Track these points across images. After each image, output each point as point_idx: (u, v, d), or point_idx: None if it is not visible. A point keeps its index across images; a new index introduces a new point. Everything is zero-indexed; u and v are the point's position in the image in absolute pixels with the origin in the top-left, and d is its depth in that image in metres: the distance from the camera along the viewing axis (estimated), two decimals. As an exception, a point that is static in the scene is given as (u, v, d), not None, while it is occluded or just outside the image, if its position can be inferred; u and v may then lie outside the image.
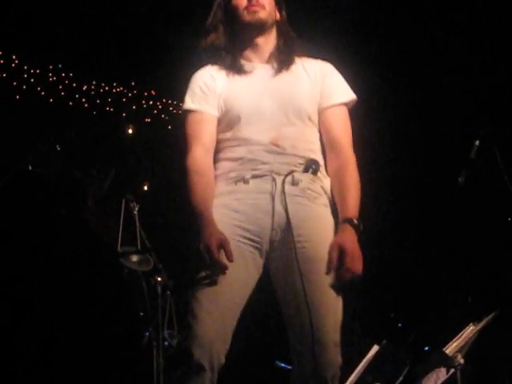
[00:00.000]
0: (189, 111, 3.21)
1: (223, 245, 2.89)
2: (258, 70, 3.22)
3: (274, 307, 3.17)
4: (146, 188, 6.35)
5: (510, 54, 6.59)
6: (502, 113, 6.47)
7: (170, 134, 7.76)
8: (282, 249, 3.03)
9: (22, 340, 5.36)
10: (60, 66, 7.54)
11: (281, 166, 3.06)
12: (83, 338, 5.41)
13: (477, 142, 4.46)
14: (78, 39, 7.06)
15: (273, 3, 3.27)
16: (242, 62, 3.23)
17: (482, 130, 4.50)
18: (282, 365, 5.59)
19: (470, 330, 4.51)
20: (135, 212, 5.30)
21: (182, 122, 3.24)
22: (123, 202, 5.37)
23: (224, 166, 3.14)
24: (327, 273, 2.95)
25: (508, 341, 5.34)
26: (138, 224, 5.25)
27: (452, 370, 4.45)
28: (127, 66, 7.39)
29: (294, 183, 3.05)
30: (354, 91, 3.32)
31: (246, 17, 3.18)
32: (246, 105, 3.14)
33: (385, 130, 7.53)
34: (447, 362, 4.43)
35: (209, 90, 3.20)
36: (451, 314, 6.27)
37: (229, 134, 3.16)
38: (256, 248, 3.02)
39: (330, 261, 2.95)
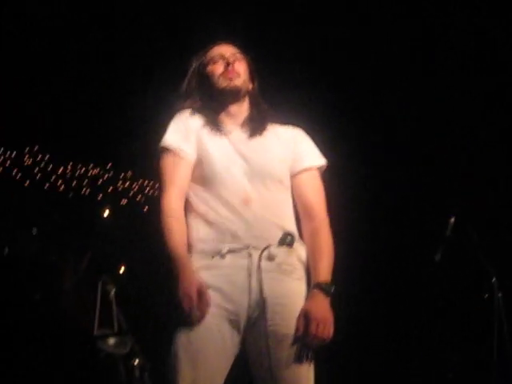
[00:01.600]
0: (168, 149, 3.15)
1: (203, 293, 2.90)
2: (232, 133, 3.21)
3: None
4: (122, 270, 6.32)
5: (479, 130, 6.69)
6: (476, 189, 6.53)
7: (147, 215, 7.76)
8: (257, 325, 3.01)
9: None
10: (36, 148, 7.57)
11: (257, 240, 3.04)
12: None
13: (452, 220, 4.49)
14: (53, 121, 7.09)
15: (247, 73, 3.29)
16: (218, 124, 3.22)
17: (457, 208, 4.54)
18: None
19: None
20: (112, 294, 5.27)
21: (159, 159, 3.17)
22: (99, 285, 5.34)
23: (198, 229, 3.10)
24: (294, 342, 2.96)
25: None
26: (114, 306, 5.21)
27: None
28: (103, 148, 7.42)
29: (270, 258, 3.02)
30: (326, 157, 3.35)
31: (222, 83, 3.21)
32: (220, 165, 3.12)
33: (360, 201, 7.57)
34: None
35: (191, 132, 3.18)
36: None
37: (201, 189, 3.13)
38: (234, 326, 3.00)
39: (296, 329, 2.96)
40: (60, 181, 7.74)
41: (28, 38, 6.36)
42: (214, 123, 3.20)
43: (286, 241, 3.06)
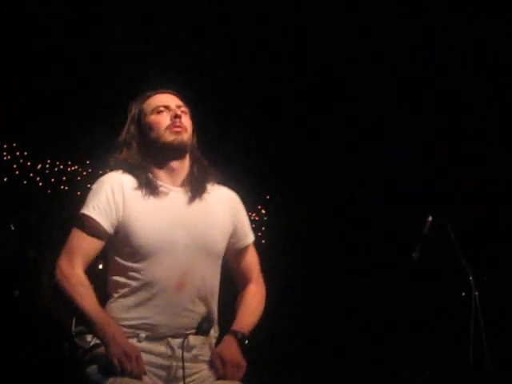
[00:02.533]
0: (87, 218, 2.93)
1: (139, 357, 2.76)
2: (172, 194, 3.01)
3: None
4: (100, 267, 6.30)
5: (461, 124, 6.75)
6: (454, 188, 6.58)
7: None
8: None
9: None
10: (14, 144, 7.54)
11: (177, 329, 2.92)
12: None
13: (430, 218, 4.51)
14: (31, 117, 7.07)
15: (191, 128, 3.11)
16: (156, 183, 3.00)
17: (435, 206, 4.56)
18: None
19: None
20: (90, 291, 5.25)
21: (75, 222, 2.96)
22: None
23: (117, 308, 2.95)
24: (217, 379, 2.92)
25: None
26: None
27: None
28: (82, 145, 7.40)
29: (188, 349, 2.93)
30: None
31: (168, 137, 2.99)
32: (158, 235, 2.92)
33: (347, 199, 7.63)
34: None
35: (114, 204, 2.93)
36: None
37: (130, 265, 2.93)
38: None
39: (215, 369, 2.92)
40: (38, 177, 7.71)
41: (5, 34, 6.34)
42: (152, 183, 2.99)
43: (203, 328, 2.98)
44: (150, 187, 2.98)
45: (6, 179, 7.49)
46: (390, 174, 7.22)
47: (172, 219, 2.96)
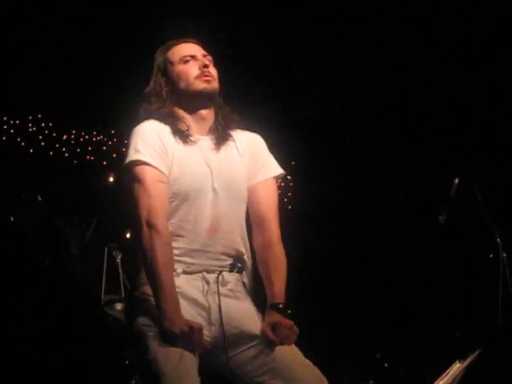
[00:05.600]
0: (146, 164, 2.96)
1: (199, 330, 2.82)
2: (200, 142, 3.10)
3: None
4: (128, 236, 6.34)
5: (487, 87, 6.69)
6: (480, 150, 6.54)
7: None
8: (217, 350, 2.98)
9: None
10: (39, 115, 7.57)
11: (211, 265, 3.00)
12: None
13: (456, 180, 4.49)
14: (56, 89, 7.09)
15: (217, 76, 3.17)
16: (187, 131, 3.08)
17: (461, 168, 4.54)
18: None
19: (457, 368, 4.51)
20: (118, 260, 5.30)
21: (132, 173, 2.97)
22: (106, 251, 5.37)
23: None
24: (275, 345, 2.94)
25: (493, 377, 5.34)
26: (121, 272, 5.24)
27: (439, 409, 4.44)
28: (107, 115, 7.42)
29: (223, 284, 2.99)
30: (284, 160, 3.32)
31: (198, 86, 3.07)
32: (193, 180, 3.01)
33: (365, 172, 7.61)
34: (434, 400, 4.42)
35: (164, 149, 3.02)
36: (437, 352, 6.27)
37: (173, 207, 2.99)
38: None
39: (269, 339, 2.94)
40: (64, 148, 7.74)
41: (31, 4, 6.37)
42: (184, 131, 3.07)
43: (237, 267, 3.05)
44: (181, 135, 3.06)
45: (31, 150, 7.52)
46: (416, 136, 7.18)
47: (202, 166, 3.05)
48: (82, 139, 7.82)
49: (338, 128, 7.63)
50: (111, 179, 7.43)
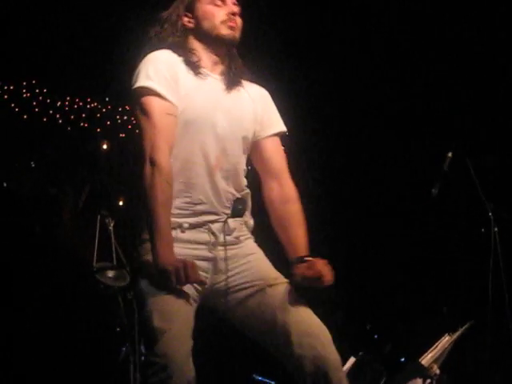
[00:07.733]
0: (155, 95, 2.93)
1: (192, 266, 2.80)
2: (210, 79, 3.08)
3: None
4: (121, 203, 6.34)
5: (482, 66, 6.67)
6: (473, 124, 6.53)
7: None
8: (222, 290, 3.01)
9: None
10: (33, 81, 7.54)
11: (215, 208, 2.98)
12: (59, 354, 5.39)
13: (449, 154, 4.50)
14: (50, 55, 7.05)
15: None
16: (199, 64, 3.06)
17: (454, 142, 4.54)
18: (260, 378, 5.59)
19: (446, 341, 4.54)
20: (110, 228, 5.29)
21: (140, 102, 2.94)
22: (98, 218, 5.36)
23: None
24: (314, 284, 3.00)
25: (483, 351, 5.37)
26: (113, 239, 5.23)
27: (428, 381, 4.47)
28: (101, 81, 7.39)
29: (229, 232, 3.01)
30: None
31: (223, 30, 3.06)
32: (201, 112, 2.99)
33: (357, 140, 7.60)
34: (423, 372, 4.45)
35: (176, 78, 2.99)
36: (427, 325, 6.30)
37: (178, 139, 2.96)
38: (197, 291, 2.95)
39: (306, 276, 2.97)
40: (58, 114, 7.71)
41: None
42: (195, 64, 3.05)
43: (238, 209, 3.03)
44: (194, 67, 3.04)
45: (25, 116, 7.50)
46: (410, 109, 7.17)
47: (211, 101, 3.03)
48: (76, 106, 7.79)
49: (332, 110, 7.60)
50: (105, 146, 7.42)
